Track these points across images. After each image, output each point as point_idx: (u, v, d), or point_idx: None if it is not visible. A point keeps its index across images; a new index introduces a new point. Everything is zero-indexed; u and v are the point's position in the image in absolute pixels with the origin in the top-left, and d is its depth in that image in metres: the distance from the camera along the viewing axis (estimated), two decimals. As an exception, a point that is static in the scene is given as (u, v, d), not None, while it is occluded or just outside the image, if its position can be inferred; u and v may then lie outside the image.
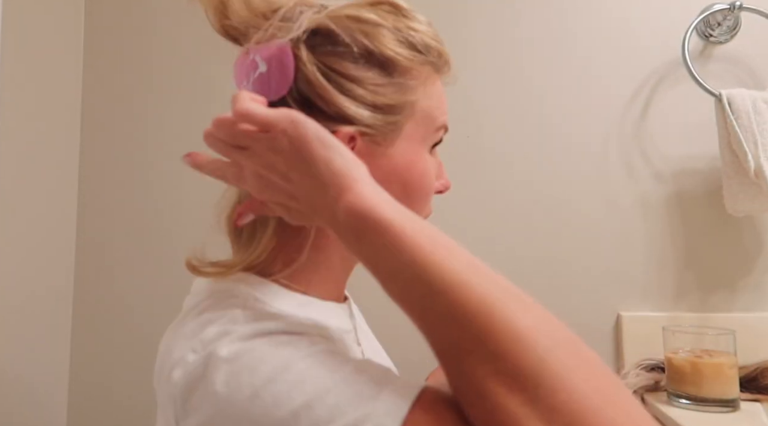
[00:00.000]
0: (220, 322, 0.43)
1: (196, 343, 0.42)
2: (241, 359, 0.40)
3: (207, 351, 0.41)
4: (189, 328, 0.44)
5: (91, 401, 1.20)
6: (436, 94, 0.55)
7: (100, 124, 1.26)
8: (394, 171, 0.52)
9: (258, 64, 0.51)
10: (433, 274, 0.37)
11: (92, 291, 1.22)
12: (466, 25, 1.19)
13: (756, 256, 1.09)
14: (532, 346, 0.33)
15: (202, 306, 0.47)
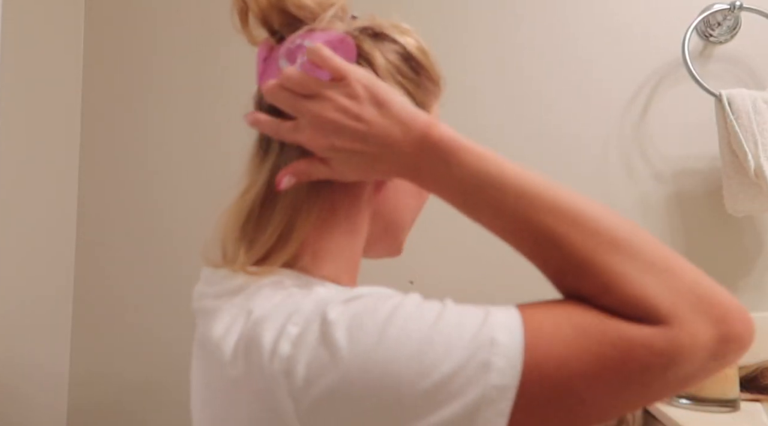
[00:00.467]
0: (310, 297, 0.43)
1: (295, 318, 0.42)
2: (354, 317, 0.41)
3: (314, 318, 0.41)
4: (265, 312, 0.43)
5: (91, 402, 1.20)
6: (438, 113, 0.60)
7: (100, 124, 1.26)
8: None
9: (306, 49, 0.52)
10: (524, 182, 0.45)
11: (92, 291, 1.22)
12: (467, 25, 1.19)
13: (756, 256, 1.09)
14: (617, 221, 0.44)
15: (266, 292, 0.46)
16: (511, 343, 0.39)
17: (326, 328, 0.40)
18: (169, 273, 1.20)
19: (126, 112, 1.25)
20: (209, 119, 1.23)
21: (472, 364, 0.38)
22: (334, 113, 0.47)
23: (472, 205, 0.48)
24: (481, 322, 0.40)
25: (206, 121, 1.23)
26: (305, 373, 0.39)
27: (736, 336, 0.43)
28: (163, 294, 1.20)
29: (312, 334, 0.40)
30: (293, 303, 0.43)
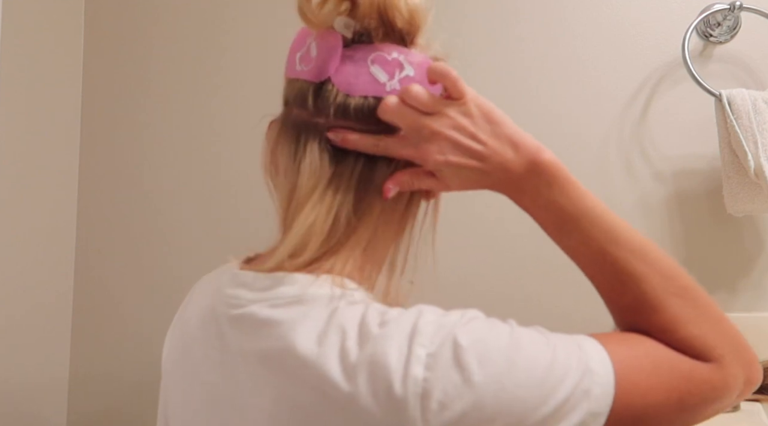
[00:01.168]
0: (424, 318, 0.44)
1: (419, 339, 0.42)
2: (479, 341, 0.42)
3: (444, 342, 0.42)
4: (379, 333, 0.43)
5: (91, 406, 1.20)
6: None
7: (100, 124, 1.26)
8: None
9: (404, 67, 0.53)
10: (612, 220, 0.54)
11: (92, 295, 1.22)
12: (465, 25, 1.19)
13: (756, 256, 1.09)
14: (682, 270, 0.50)
15: (361, 308, 0.45)
16: (605, 373, 0.43)
17: (458, 352, 0.41)
18: (169, 277, 1.20)
19: (126, 113, 1.25)
20: (210, 120, 1.22)
21: (578, 392, 0.42)
22: (452, 131, 0.51)
23: (563, 230, 0.55)
24: (579, 352, 0.44)
25: (207, 121, 1.23)
26: (441, 396, 0.40)
27: (755, 379, 0.50)
28: (163, 298, 1.20)
29: (445, 358, 0.41)
30: (408, 324, 0.43)
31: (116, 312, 1.21)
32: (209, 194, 1.21)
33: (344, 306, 0.45)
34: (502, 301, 1.09)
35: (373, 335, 0.43)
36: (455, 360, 0.41)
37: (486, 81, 1.17)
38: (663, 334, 0.47)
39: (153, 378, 1.20)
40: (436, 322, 0.44)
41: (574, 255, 0.55)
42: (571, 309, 1.11)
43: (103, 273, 1.22)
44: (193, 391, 0.51)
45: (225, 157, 1.21)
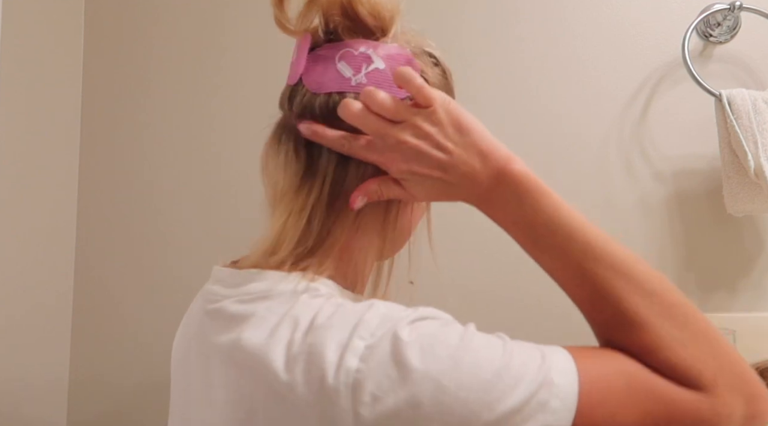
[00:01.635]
0: (372, 312, 0.43)
1: (360, 332, 0.41)
2: (425, 338, 0.41)
3: (384, 335, 0.41)
4: (323, 322, 0.42)
5: (91, 407, 1.20)
6: None
7: (100, 124, 1.26)
8: None
9: (373, 60, 0.53)
10: (590, 234, 0.50)
11: (92, 294, 1.22)
12: (464, 24, 1.19)
13: (756, 256, 1.09)
14: (670, 288, 0.46)
15: (317, 303, 0.45)
16: (567, 387, 0.41)
17: (398, 347, 0.40)
18: (169, 277, 1.20)
19: (126, 113, 1.25)
20: (210, 120, 1.22)
21: (533, 403, 0.39)
22: (417, 140, 0.49)
23: (537, 244, 0.51)
24: (541, 361, 0.42)
25: (207, 121, 1.23)
26: (374, 389, 0.39)
27: (762, 414, 0.45)
28: (163, 298, 1.20)
29: (382, 351, 0.40)
30: (354, 315, 0.43)
31: (116, 312, 1.21)
32: (209, 194, 1.21)
33: (305, 299, 0.45)
34: (502, 301, 1.09)
35: (318, 325, 0.42)
36: (393, 354, 0.40)
37: (486, 81, 1.17)
38: (644, 355, 0.44)
39: (153, 378, 1.21)
40: (384, 315, 0.43)
41: (550, 270, 0.52)
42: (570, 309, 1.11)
43: (103, 273, 1.22)
44: (188, 388, 0.52)
45: (225, 157, 1.21)
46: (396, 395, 0.39)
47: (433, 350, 0.40)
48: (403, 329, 0.41)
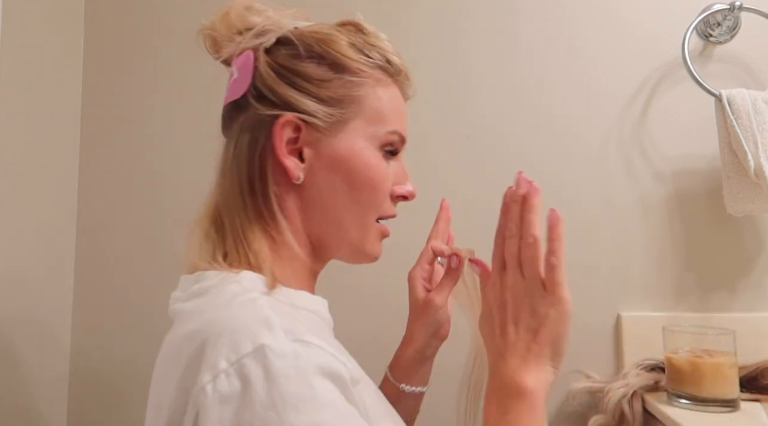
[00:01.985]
0: (251, 328, 0.44)
1: (231, 340, 0.43)
2: (279, 376, 0.41)
3: (250, 354, 0.42)
4: (213, 327, 0.45)
5: (92, 404, 1.20)
6: (389, 98, 0.61)
7: (100, 124, 1.26)
8: (338, 160, 0.58)
9: (233, 73, 0.61)
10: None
11: (92, 294, 1.22)
12: (465, 24, 1.19)
13: (756, 256, 1.09)
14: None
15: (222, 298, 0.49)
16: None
17: (246, 371, 0.41)
18: (169, 277, 1.19)
19: (126, 113, 1.25)
20: (210, 119, 1.22)
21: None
22: (510, 294, 0.56)
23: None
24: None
25: (207, 120, 1.22)
26: (222, 392, 0.41)
27: None
28: (163, 298, 1.19)
29: (242, 368, 0.42)
30: (237, 320, 0.45)
31: (116, 312, 1.21)
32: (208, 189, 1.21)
33: (216, 296, 0.50)
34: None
35: (209, 330, 0.45)
36: (241, 374, 0.42)
37: (486, 81, 1.17)
38: None
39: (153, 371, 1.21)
40: (256, 336, 0.43)
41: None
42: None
43: (103, 273, 1.22)
44: None
45: (225, 157, 1.21)
46: (229, 407, 0.41)
47: (281, 392, 0.42)
48: (266, 356, 0.43)
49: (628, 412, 0.96)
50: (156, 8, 1.26)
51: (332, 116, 0.57)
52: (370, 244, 0.61)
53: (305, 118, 0.57)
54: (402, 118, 0.62)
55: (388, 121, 0.60)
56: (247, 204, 0.57)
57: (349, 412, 0.44)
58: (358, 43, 0.60)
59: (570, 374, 1.08)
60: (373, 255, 0.62)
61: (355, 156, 0.58)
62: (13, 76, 1.06)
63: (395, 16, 1.20)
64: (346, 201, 0.58)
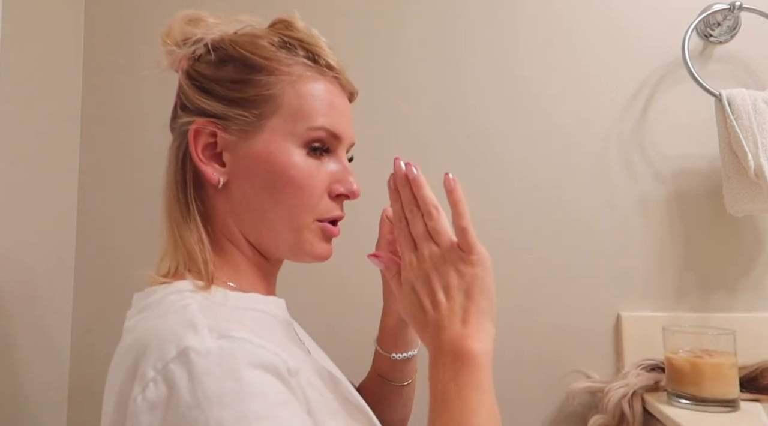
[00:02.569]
0: (176, 338, 0.44)
1: (158, 351, 0.44)
2: (201, 375, 0.42)
3: (174, 361, 0.43)
4: (143, 337, 0.47)
5: (92, 405, 1.20)
6: (314, 95, 0.58)
7: (100, 124, 1.26)
8: (256, 161, 0.57)
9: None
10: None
11: (92, 294, 1.22)
12: (464, 23, 1.19)
13: (756, 256, 1.09)
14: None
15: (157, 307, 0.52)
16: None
17: (171, 375, 0.42)
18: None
19: (126, 112, 1.25)
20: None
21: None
22: (432, 272, 0.54)
23: (435, 408, 0.50)
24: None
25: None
26: (150, 399, 0.42)
27: None
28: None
29: (167, 374, 0.42)
30: (164, 327, 0.46)
31: (116, 312, 1.21)
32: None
33: (152, 307, 0.52)
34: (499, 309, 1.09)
35: (142, 339, 0.46)
36: (167, 378, 0.42)
37: (486, 81, 1.17)
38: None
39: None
40: (184, 345, 0.44)
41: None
42: (566, 319, 1.11)
43: (103, 273, 1.22)
44: None
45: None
46: (157, 412, 0.43)
47: (205, 390, 0.42)
48: (188, 360, 0.43)
49: (628, 412, 0.96)
50: (156, 8, 1.26)
51: (245, 117, 0.57)
52: (309, 244, 0.60)
53: (219, 123, 0.57)
54: (333, 113, 0.59)
55: (311, 118, 0.58)
56: (179, 208, 0.59)
57: (282, 401, 0.44)
58: (279, 42, 0.59)
59: (570, 374, 1.08)
60: (315, 255, 0.60)
61: (273, 155, 0.57)
62: (14, 76, 1.06)
63: (395, 16, 1.20)
64: (270, 202, 0.57)
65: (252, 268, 0.60)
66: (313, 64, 0.59)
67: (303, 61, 0.59)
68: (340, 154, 0.61)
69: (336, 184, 0.60)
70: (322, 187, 0.59)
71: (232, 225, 0.59)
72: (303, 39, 0.59)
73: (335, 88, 0.61)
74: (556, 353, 1.09)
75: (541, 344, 1.10)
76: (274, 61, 0.58)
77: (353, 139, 0.63)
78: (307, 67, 0.59)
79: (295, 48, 0.59)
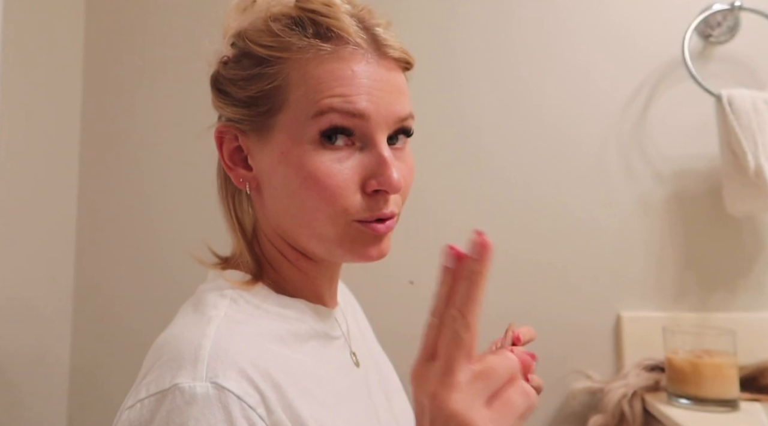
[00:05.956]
0: (180, 361, 0.44)
1: (156, 374, 0.45)
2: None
3: (165, 391, 0.43)
4: (157, 350, 0.50)
5: (92, 405, 1.20)
6: (319, 75, 0.49)
7: (100, 124, 1.26)
8: (273, 164, 0.51)
9: None
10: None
11: (92, 294, 1.22)
12: (463, 22, 1.19)
13: (756, 256, 1.09)
14: None
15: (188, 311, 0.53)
16: None
17: (156, 406, 0.42)
18: (169, 277, 1.20)
19: (126, 112, 1.25)
20: (210, 119, 1.22)
21: None
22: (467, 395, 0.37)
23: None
24: None
25: (207, 121, 1.22)
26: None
27: None
28: (164, 298, 1.20)
29: (152, 404, 0.43)
30: (175, 345, 0.46)
31: (116, 312, 1.21)
32: (210, 194, 1.21)
33: (194, 303, 0.53)
34: (500, 300, 1.09)
35: (156, 350, 0.50)
36: (154, 409, 0.43)
37: (486, 80, 1.17)
38: None
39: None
40: (180, 371, 0.43)
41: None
42: (566, 319, 1.11)
43: (103, 273, 1.22)
44: None
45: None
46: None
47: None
48: (175, 398, 0.43)
49: (628, 412, 0.96)
50: (156, 8, 1.26)
51: (254, 117, 0.52)
52: (357, 246, 0.51)
53: (236, 126, 0.54)
54: (351, 87, 0.49)
55: (318, 102, 0.48)
56: (229, 209, 0.59)
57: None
58: (292, 21, 0.50)
59: (570, 374, 1.08)
60: (366, 257, 0.52)
61: (284, 157, 0.50)
62: (14, 76, 1.06)
63: (394, 16, 1.19)
64: (296, 206, 0.51)
65: (297, 274, 0.56)
66: (323, 40, 0.49)
67: (311, 40, 0.49)
68: (374, 138, 0.50)
69: (370, 178, 0.50)
70: (349, 185, 0.49)
71: (272, 227, 0.55)
72: (316, 10, 0.50)
73: (359, 59, 0.50)
74: (556, 353, 1.09)
75: (541, 344, 1.09)
76: (276, 48, 0.50)
77: (399, 114, 0.52)
78: (316, 46, 0.49)
79: (304, 25, 0.49)
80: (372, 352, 0.67)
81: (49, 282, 1.17)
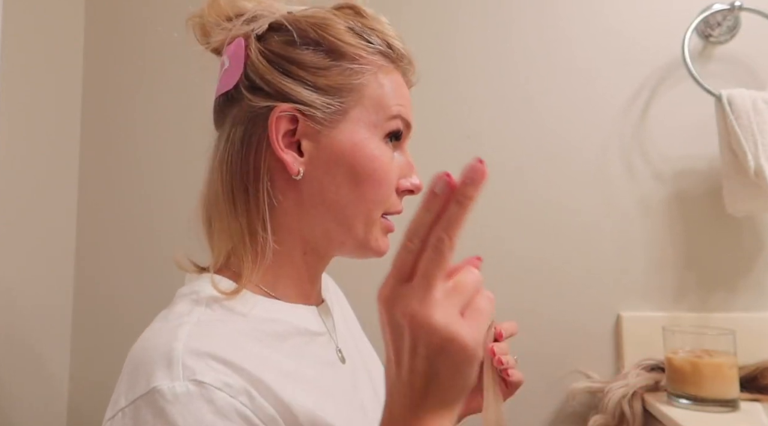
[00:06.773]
0: (155, 366, 0.45)
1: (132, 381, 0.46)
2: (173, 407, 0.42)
3: (142, 398, 0.43)
4: (135, 352, 0.51)
5: (92, 405, 1.20)
6: (391, 84, 0.57)
7: (100, 124, 1.26)
8: (340, 153, 0.54)
9: (224, 62, 0.60)
10: None
11: (92, 294, 1.22)
12: (463, 23, 1.19)
13: (756, 256, 1.09)
14: None
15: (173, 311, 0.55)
16: None
17: (138, 413, 0.43)
18: (169, 277, 1.19)
19: (126, 112, 1.25)
20: (211, 119, 1.22)
21: None
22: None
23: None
24: None
25: (208, 121, 1.22)
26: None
27: None
28: (164, 298, 1.19)
29: (135, 411, 0.43)
30: (147, 352, 0.48)
31: (116, 312, 1.21)
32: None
33: (168, 308, 0.57)
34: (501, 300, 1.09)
35: (132, 354, 0.52)
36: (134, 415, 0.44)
37: (486, 81, 1.17)
38: None
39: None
40: (154, 376, 0.44)
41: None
42: (566, 319, 1.11)
43: (103, 273, 1.22)
44: None
45: (225, 157, 1.21)
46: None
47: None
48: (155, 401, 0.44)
49: (628, 412, 0.96)
50: (157, 8, 1.26)
51: (331, 106, 0.54)
52: (374, 239, 0.57)
53: (302, 109, 0.53)
54: (406, 104, 0.58)
55: (389, 107, 0.56)
56: (237, 202, 0.55)
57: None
58: (357, 28, 0.56)
59: (570, 374, 1.08)
60: (378, 250, 0.57)
61: (358, 148, 0.54)
62: (14, 76, 1.06)
63: (394, 17, 1.19)
64: (349, 196, 0.54)
65: (294, 272, 0.57)
66: (388, 54, 0.57)
67: (380, 50, 0.57)
68: (405, 147, 0.60)
69: (402, 179, 0.58)
70: (395, 182, 0.57)
71: (293, 220, 0.55)
72: (377, 28, 0.57)
73: (403, 78, 0.60)
74: (556, 353, 1.09)
75: (541, 344, 1.10)
76: (357, 48, 0.55)
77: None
78: (384, 58, 0.57)
79: (370, 36, 0.56)
80: (359, 347, 0.68)
81: (49, 282, 1.17)
